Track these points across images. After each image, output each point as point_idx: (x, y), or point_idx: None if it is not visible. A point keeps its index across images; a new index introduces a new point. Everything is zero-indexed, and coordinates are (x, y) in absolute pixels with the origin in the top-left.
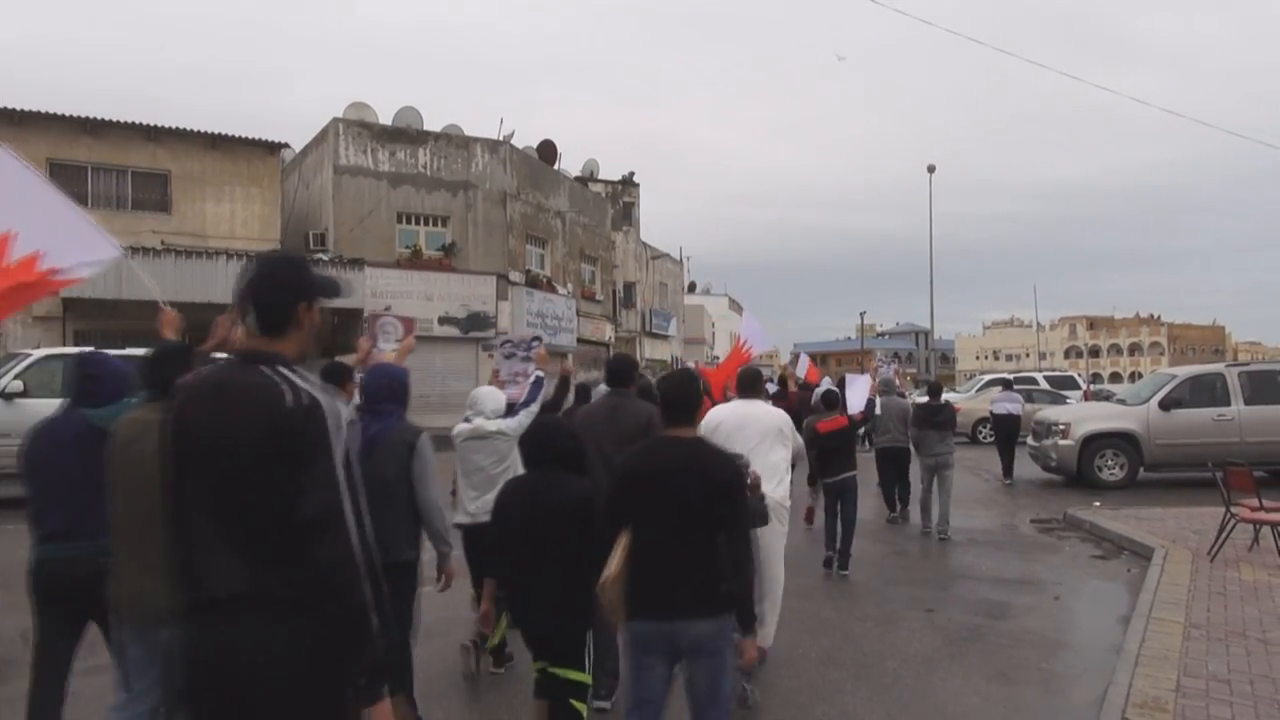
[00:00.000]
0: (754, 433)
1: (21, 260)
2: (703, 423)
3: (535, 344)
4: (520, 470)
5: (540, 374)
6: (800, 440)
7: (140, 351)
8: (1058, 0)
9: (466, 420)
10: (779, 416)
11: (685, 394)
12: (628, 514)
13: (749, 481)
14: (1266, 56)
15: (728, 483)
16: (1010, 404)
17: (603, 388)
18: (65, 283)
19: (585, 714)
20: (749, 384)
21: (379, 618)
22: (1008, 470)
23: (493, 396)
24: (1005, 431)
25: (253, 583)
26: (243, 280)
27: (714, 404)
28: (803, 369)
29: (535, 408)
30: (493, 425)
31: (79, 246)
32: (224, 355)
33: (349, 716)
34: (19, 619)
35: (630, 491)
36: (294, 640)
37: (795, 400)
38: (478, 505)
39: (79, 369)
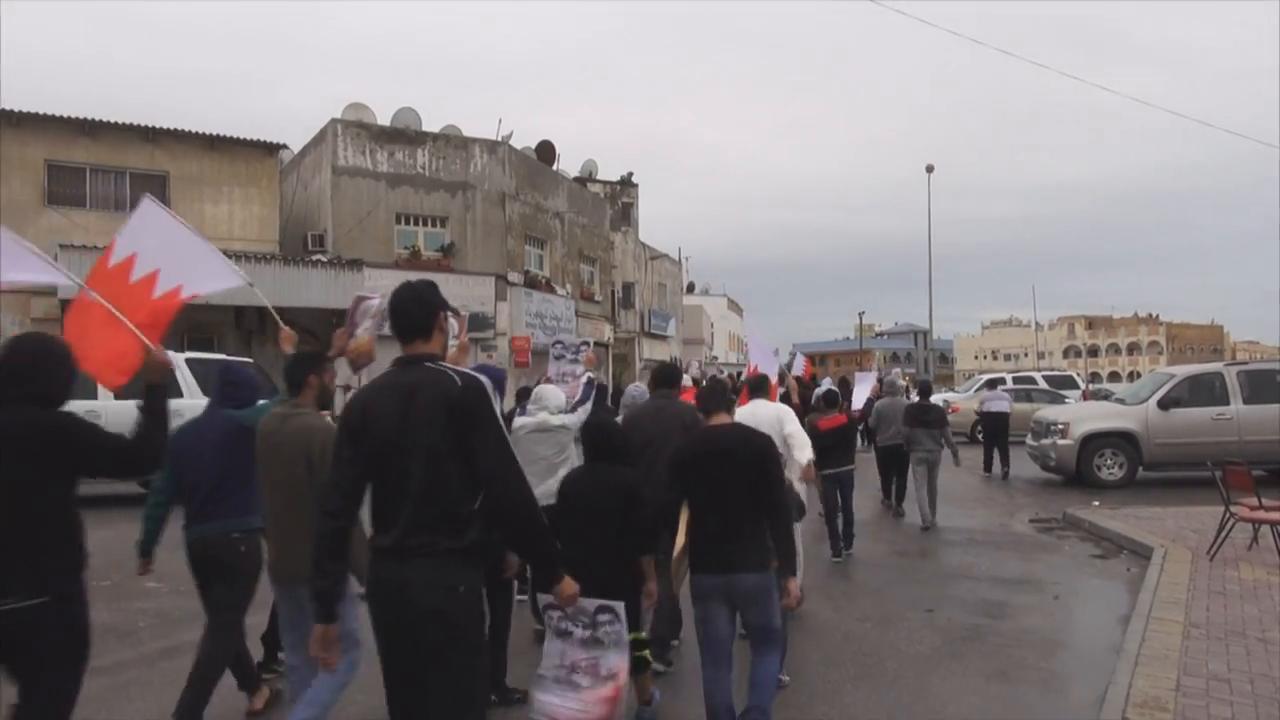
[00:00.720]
0: (763, 426)
1: (165, 293)
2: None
3: (584, 348)
4: (577, 461)
5: (590, 375)
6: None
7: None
8: (1058, 2)
9: (528, 414)
10: (779, 409)
11: (719, 390)
12: (686, 489)
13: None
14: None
15: (762, 450)
16: (998, 402)
17: (638, 388)
18: (191, 298)
19: (648, 658)
20: (756, 387)
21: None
22: (988, 464)
23: (555, 394)
24: (992, 428)
25: (419, 538)
26: (391, 302)
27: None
28: (799, 368)
29: (590, 405)
30: (556, 420)
31: (210, 278)
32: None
33: (484, 646)
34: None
35: (687, 470)
36: (450, 583)
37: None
38: (540, 491)
39: (222, 377)
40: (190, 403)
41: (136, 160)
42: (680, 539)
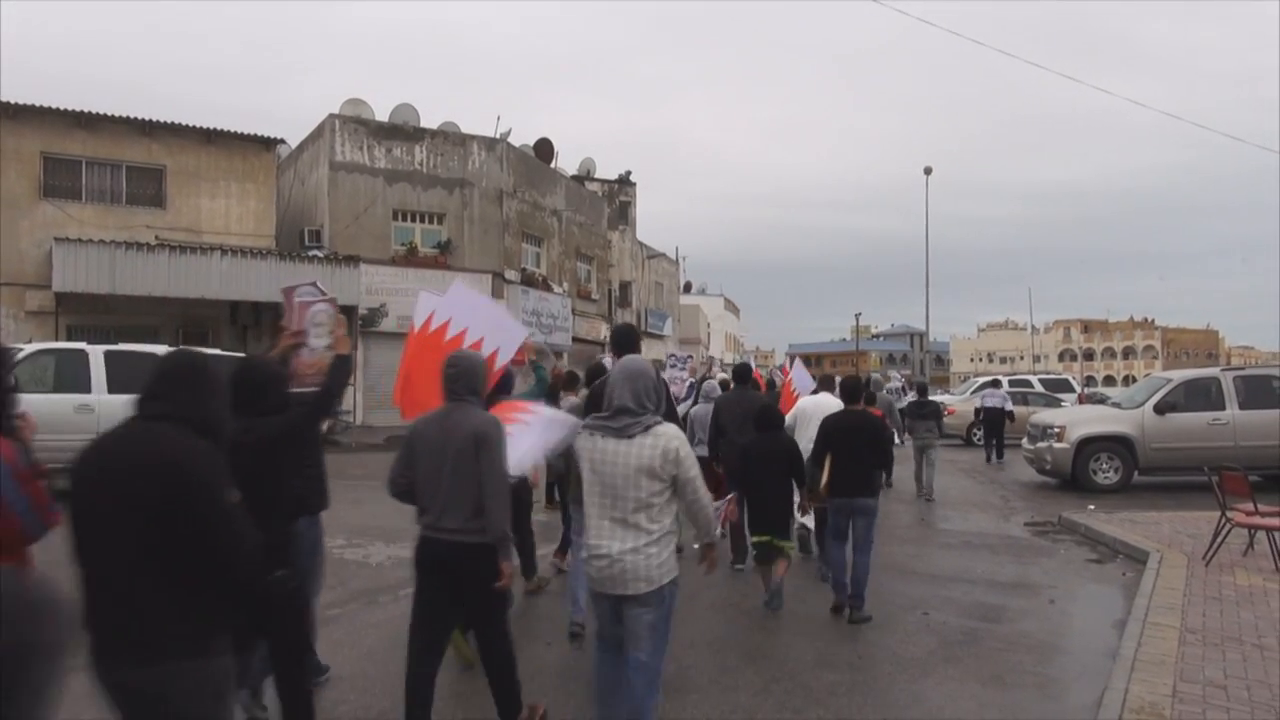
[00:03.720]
0: (825, 408)
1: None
2: (797, 405)
3: (688, 360)
4: None
5: (692, 380)
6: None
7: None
8: (1056, 5)
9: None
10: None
11: (856, 385)
12: (830, 446)
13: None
14: (1265, 61)
15: (877, 425)
16: (996, 399)
17: (711, 383)
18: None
19: (790, 553)
20: (825, 384)
21: None
22: (990, 456)
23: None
24: (991, 422)
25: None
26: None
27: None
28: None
29: (694, 399)
30: (679, 410)
31: (506, 336)
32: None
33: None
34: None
35: (833, 435)
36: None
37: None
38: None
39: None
40: None
41: (133, 154)
42: (825, 475)
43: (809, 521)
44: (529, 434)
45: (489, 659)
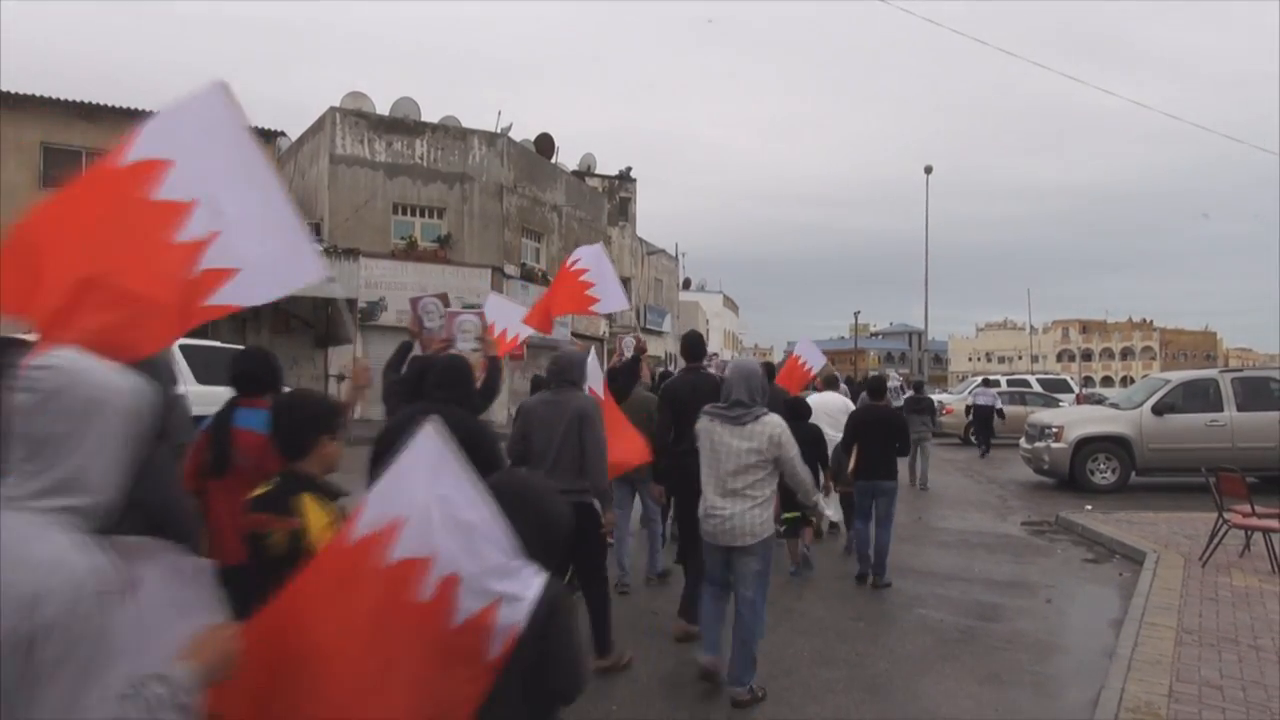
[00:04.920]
0: (832, 408)
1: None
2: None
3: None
4: None
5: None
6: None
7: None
8: (1059, 5)
9: None
10: (845, 401)
11: (880, 384)
12: (858, 436)
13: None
14: (1266, 64)
15: (899, 418)
16: (986, 397)
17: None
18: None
19: (815, 523)
20: (827, 381)
21: None
22: (982, 448)
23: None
24: (981, 418)
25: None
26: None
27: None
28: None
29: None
30: None
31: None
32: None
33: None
34: None
35: (860, 426)
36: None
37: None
38: None
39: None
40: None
41: None
42: (853, 461)
43: (832, 514)
44: None
45: (590, 599)
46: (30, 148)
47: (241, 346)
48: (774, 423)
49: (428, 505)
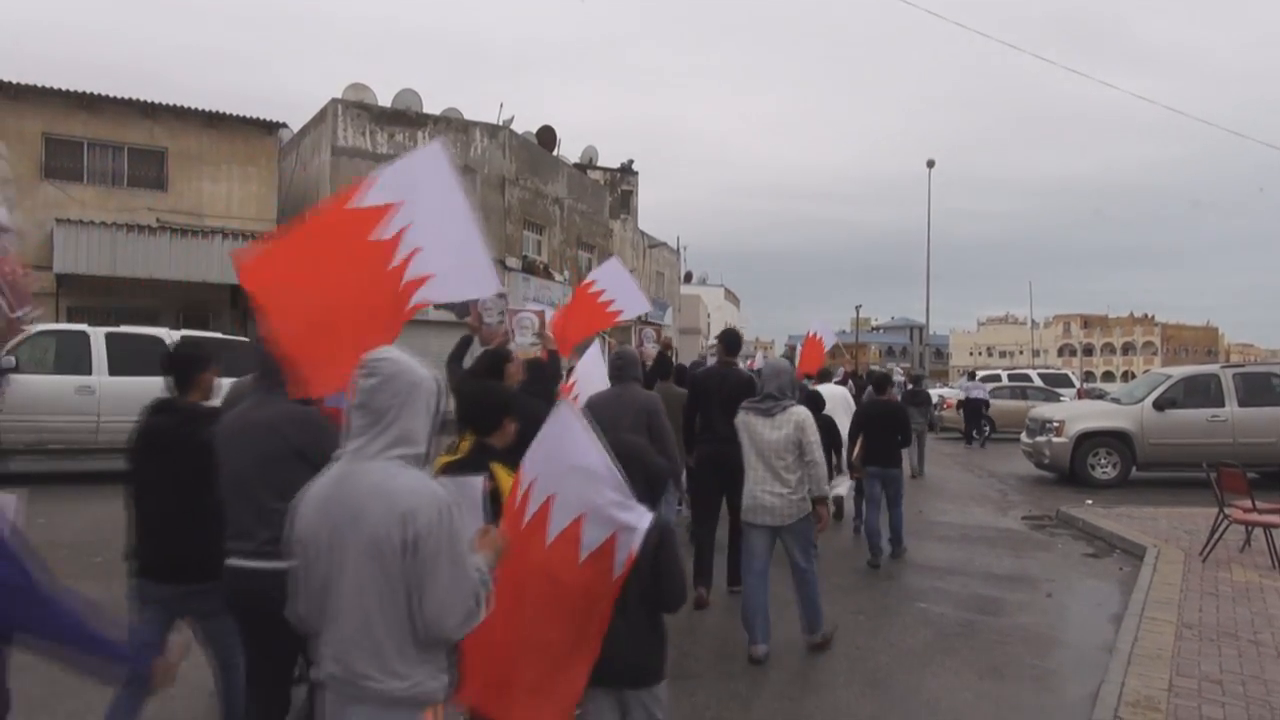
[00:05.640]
0: (833, 399)
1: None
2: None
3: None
4: None
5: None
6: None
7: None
8: (1061, 1)
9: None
10: (844, 392)
11: (885, 379)
12: (865, 427)
13: None
14: (1269, 59)
15: (902, 412)
16: (977, 390)
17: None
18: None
19: (830, 501)
20: (824, 375)
21: None
22: (969, 440)
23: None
24: (970, 410)
25: None
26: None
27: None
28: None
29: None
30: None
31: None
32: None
33: None
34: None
35: (866, 418)
36: None
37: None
38: None
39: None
40: None
41: (135, 136)
42: (858, 450)
43: (842, 490)
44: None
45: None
46: (32, 138)
47: (244, 339)
48: (799, 411)
49: (566, 462)
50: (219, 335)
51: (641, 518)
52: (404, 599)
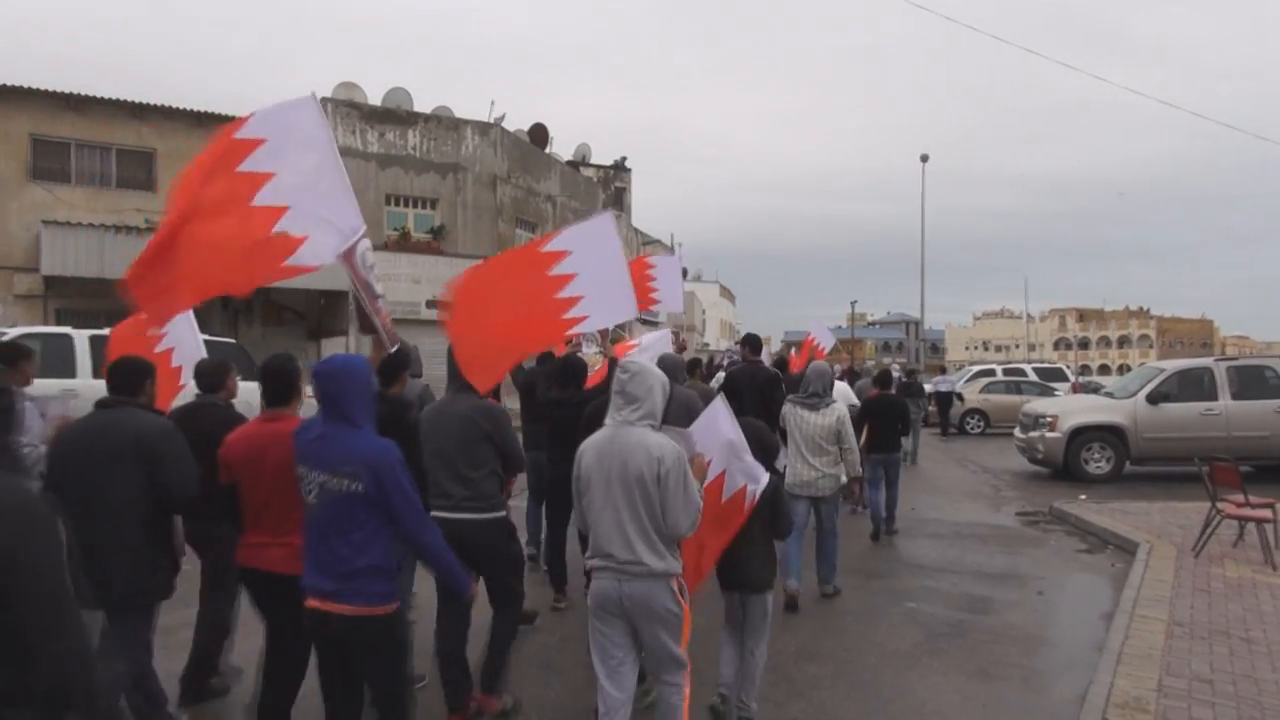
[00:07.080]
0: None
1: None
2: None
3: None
4: None
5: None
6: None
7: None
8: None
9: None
10: (845, 388)
11: (887, 375)
12: (870, 418)
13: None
14: (1264, 53)
15: (902, 404)
16: (944, 384)
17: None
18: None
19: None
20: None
21: None
22: (944, 430)
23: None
24: (942, 402)
25: None
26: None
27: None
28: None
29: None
30: None
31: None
32: None
33: None
34: None
35: (871, 410)
36: None
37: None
38: None
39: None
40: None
41: (123, 136)
42: (864, 439)
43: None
44: None
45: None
46: (19, 139)
47: (231, 340)
48: (840, 408)
49: (720, 437)
50: (206, 337)
51: (762, 475)
52: (657, 511)
